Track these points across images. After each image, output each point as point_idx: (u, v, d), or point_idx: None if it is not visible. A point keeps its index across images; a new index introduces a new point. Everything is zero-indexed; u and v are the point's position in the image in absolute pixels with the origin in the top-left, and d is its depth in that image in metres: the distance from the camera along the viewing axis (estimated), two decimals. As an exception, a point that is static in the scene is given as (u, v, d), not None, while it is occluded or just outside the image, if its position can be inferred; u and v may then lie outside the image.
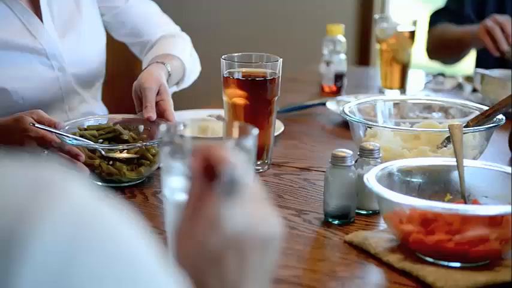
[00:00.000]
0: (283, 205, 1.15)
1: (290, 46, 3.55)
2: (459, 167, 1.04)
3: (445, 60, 2.32)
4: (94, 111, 1.61)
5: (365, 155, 1.11)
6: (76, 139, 1.22)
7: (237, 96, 1.29)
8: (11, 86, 1.40)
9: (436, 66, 2.51)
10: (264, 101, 1.30)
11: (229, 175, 0.55)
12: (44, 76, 1.45)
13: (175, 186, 0.81)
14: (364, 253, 0.98)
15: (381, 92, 1.96)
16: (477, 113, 1.33)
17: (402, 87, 1.95)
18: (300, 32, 3.45)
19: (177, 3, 3.75)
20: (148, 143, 1.23)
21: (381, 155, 1.12)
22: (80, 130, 1.28)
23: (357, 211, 1.11)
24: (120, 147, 1.23)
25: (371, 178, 0.98)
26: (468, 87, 2.00)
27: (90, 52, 1.55)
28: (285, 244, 1.01)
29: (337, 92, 1.96)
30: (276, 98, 1.31)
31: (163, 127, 0.81)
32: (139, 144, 1.23)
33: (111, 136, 1.29)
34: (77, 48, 1.50)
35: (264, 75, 1.30)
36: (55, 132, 1.20)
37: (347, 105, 1.35)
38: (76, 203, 0.40)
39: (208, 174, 0.55)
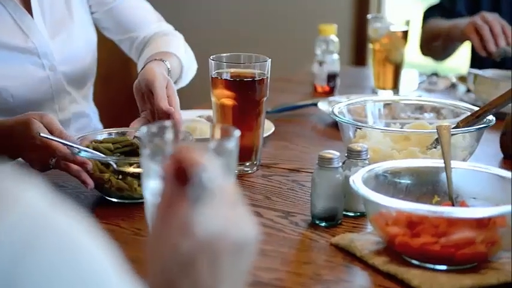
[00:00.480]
0: (271, 207, 1.14)
1: (285, 46, 3.54)
2: (447, 168, 1.03)
3: (435, 56, 2.29)
4: (85, 112, 1.60)
5: (353, 156, 1.10)
6: (86, 151, 1.14)
7: (225, 97, 1.28)
8: (0, 84, 1.39)
9: (432, 65, 2.50)
10: (252, 101, 1.29)
11: (200, 178, 0.54)
12: (35, 75, 1.44)
13: (156, 189, 0.80)
14: (350, 256, 0.97)
15: (374, 92, 1.95)
16: (469, 113, 1.32)
17: (395, 88, 1.94)
18: (296, 32, 3.44)
19: (174, 2, 3.75)
20: None
21: (368, 156, 1.11)
22: (95, 143, 1.20)
23: (344, 213, 1.10)
24: (132, 160, 1.13)
25: (357, 180, 0.97)
26: (462, 88, 1.99)
27: (80, 51, 1.54)
28: (269, 246, 1.01)
29: (330, 92, 1.95)
30: (265, 98, 1.30)
31: (143, 129, 0.80)
32: None
33: (128, 150, 1.19)
34: (68, 47, 1.50)
35: (252, 76, 1.29)
36: (65, 143, 1.13)
37: (337, 106, 1.34)
38: (29, 211, 0.39)
39: (181, 177, 0.54)
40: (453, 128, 1.28)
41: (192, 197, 0.54)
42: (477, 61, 2.21)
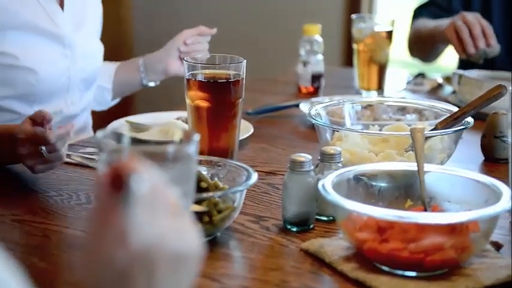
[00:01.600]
0: (243, 211, 1.11)
1: (276, 46, 3.52)
2: (420, 172, 1.01)
3: (422, 58, 2.26)
4: (88, 112, 1.67)
5: (326, 159, 1.08)
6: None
7: (199, 99, 1.26)
8: (26, 64, 1.44)
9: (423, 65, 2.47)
10: (227, 103, 1.26)
11: (134, 186, 0.52)
12: (58, 63, 1.50)
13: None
14: (320, 262, 0.94)
15: (358, 93, 1.93)
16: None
17: (380, 88, 1.92)
18: (286, 32, 3.42)
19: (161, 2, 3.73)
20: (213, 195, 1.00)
21: (342, 159, 1.09)
22: None
23: (317, 217, 1.07)
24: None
25: (327, 184, 0.95)
26: (448, 88, 1.97)
27: (96, 52, 1.62)
28: (238, 252, 0.99)
29: (315, 93, 1.93)
30: (240, 100, 1.28)
31: (99, 133, 0.78)
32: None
33: None
34: (87, 45, 1.58)
35: (227, 77, 1.26)
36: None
37: (314, 107, 1.32)
38: None
39: (116, 185, 0.52)
40: (432, 129, 1.27)
41: (125, 205, 0.52)
42: (465, 61, 2.18)
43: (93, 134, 1.70)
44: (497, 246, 0.97)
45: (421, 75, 2.12)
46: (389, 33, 1.89)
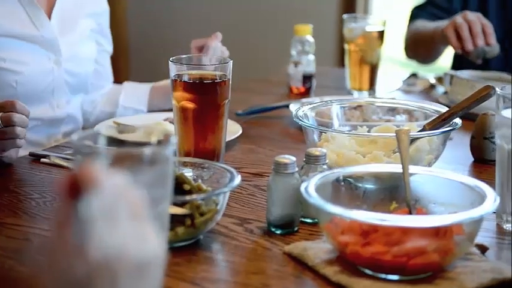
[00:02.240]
0: (227, 213, 1.10)
1: (271, 47, 3.51)
2: (404, 174, 0.99)
3: (420, 59, 2.25)
4: (76, 117, 1.66)
5: (311, 161, 1.07)
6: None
7: (185, 100, 1.24)
8: (7, 66, 1.46)
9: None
10: (213, 104, 1.25)
11: (92, 194, 0.50)
12: (40, 65, 1.51)
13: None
14: (302, 265, 0.93)
15: (350, 93, 1.91)
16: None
17: (371, 89, 1.90)
18: (282, 33, 3.41)
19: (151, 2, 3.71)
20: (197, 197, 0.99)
21: (327, 161, 1.08)
22: None
23: (302, 220, 1.06)
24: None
25: (310, 186, 0.94)
26: (440, 89, 1.96)
27: (85, 56, 1.63)
28: (220, 256, 0.97)
29: (306, 94, 1.92)
30: (227, 101, 1.26)
31: (74, 135, 0.76)
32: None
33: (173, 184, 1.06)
34: (75, 48, 1.59)
35: (213, 78, 1.25)
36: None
37: (301, 108, 1.31)
38: None
39: (74, 194, 0.50)
40: (420, 130, 1.25)
41: (82, 215, 0.50)
42: (458, 62, 2.17)
43: None
44: (483, 249, 0.95)
45: (413, 75, 2.10)
46: (381, 33, 1.88)
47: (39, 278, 0.51)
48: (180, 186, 1.03)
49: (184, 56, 1.27)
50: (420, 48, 2.16)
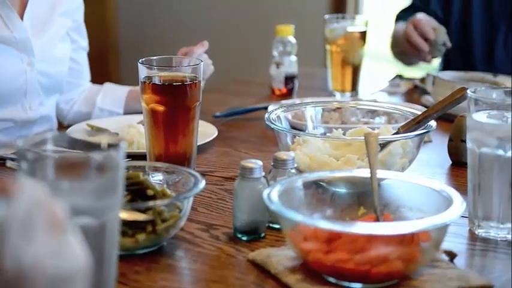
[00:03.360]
0: (194, 219, 1.07)
1: (260, 47, 3.48)
2: (372, 179, 0.97)
3: (402, 61, 2.23)
4: (51, 117, 1.64)
5: (278, 165, 1.04)
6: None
7: (154, 102, 1.22)
8: None
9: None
10: (183, 106, 1.22)
11: (4, 206, 0.48)
12: (12, 66, 1.49)
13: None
14: (265, 273, 0.90)
15: (332, 94, 1.89)
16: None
17: (354, 90, 1.88)
18: (270, 33, 3.38)
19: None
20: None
21: (295, 165, 1.05)
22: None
23: (270, 225, 1.04)
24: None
25: (273, 192, 0.91)
26: (424, 90, 1.93)
27: (59, 57, 1.60)
28: (182, 263, 0.95)
29: (288, 95, 1.90)
30: (198, 103, 1.24)
31: (19, 141, 0.74)
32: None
33: (137, 189, 0.99)
34: (48, 49, 1.56)
35: (183, 80, 1.22)
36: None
37: (274, 111, 1.28)
38: None
39: None
40: (394, 133, 1.23)
41: None
42: (446, 63, 2.15)
43: None
44: (451, 255, 0.93)
45: (398, 76, 2.08)
46: (363, 34, 1.85)
47: None
48: (143, 192, 1.00)
49: (154, 57, 1.25)
50: (399, 50, 2.14)
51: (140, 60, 1.23)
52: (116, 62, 4.04)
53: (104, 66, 3.97)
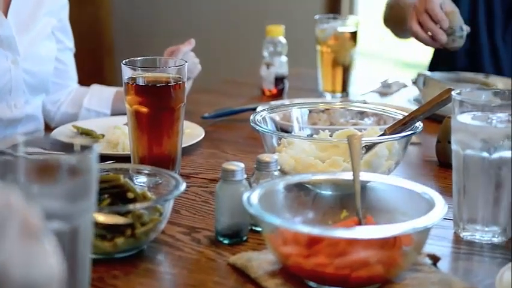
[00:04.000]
0: (176, 222, 1.06)
1: (255, 47, 3.46)
2: (355, 181, 0.95)
3: (395, 33, 2.13)
4: (37, 116, 1.62)
5: (261, 168, 1.03)
6: None
7: (137, 104, 1.20)
8: None
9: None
10: (167, 108, 1.21)
11: None
12: None
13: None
14: (245, 277, 0.89)
15: (322, 95, 1.87)
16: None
17: (344, 91, 1.86)
18: (260, 33, 3.37)
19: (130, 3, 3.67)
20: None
21: (279, 167, 1.04)
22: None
23: (253, 228, 1.02)
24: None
25: (253, 195, 0.90)
26: (415, 91, 1.91)
27: (44, 55, 1.58)
28: (161, 268, 0.94)
29: (278, 96, 1.88)
30: (182, 104, 1.22)
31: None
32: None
33: (117, 192, 0.98)
34: (34, 47, 1.54)
35: (167, 81, 1.21)
36: None
37: (260, 112, 1.27)
38: None
39: None
40: (380, 135, 1.22)
41: None
42: (435, 62, 2.11)
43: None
44: (434, 259, 0.91)
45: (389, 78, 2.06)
46: (354, 34, 1.84)
47: None
48: (124, 195, 0.99)
49: (138, 58, 1.23)
50: (396, 22, 2.03)
51: (124, 61, 1.21)
52: (110, 63, 4.03)
53: (99, 66, 3.96)
